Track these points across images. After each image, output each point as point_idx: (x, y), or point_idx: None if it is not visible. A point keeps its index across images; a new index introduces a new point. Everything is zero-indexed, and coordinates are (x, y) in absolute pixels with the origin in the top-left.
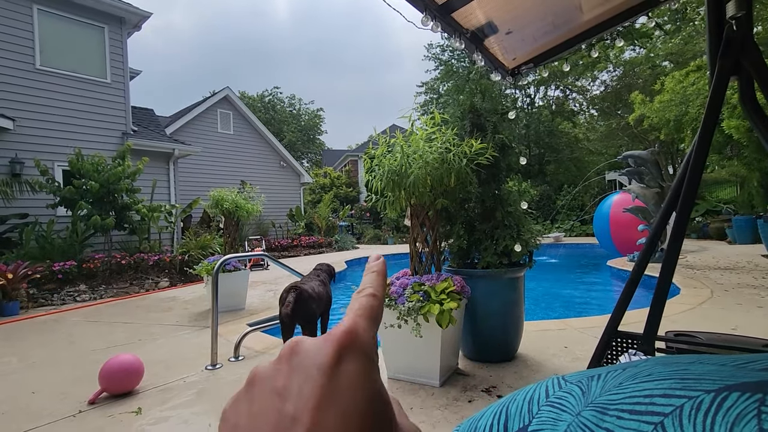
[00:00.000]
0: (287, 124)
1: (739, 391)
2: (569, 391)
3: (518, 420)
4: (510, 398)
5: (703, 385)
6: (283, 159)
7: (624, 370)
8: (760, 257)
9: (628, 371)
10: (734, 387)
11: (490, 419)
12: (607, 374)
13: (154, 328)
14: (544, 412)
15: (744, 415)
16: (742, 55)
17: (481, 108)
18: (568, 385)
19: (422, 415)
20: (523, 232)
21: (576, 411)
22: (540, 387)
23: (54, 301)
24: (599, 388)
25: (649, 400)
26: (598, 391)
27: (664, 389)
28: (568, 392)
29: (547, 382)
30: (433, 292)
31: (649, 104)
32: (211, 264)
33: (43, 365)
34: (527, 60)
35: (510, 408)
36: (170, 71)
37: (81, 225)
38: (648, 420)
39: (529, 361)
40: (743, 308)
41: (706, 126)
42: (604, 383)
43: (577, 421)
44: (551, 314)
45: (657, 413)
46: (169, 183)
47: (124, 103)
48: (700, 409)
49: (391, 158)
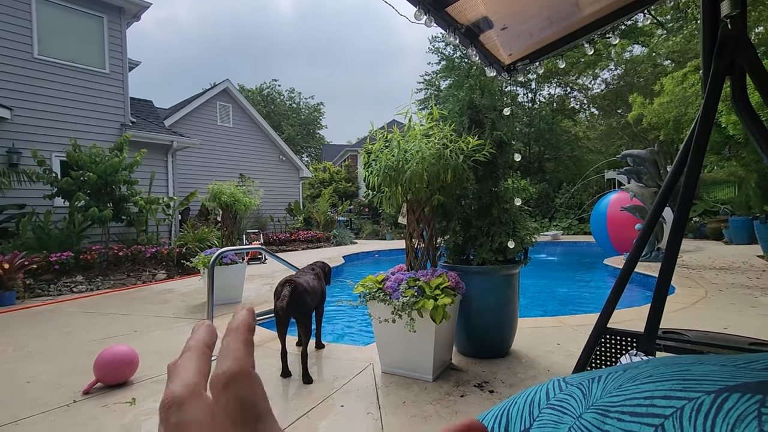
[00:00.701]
0: (287, 118)
1: (739, 392)
2: (570, 394)
3: (519, 423)
4: (510, 401)
5: (703, 386)
6: (282, 153)
7: (624, 371)
8: (755, 258)
9: (629, 373)
10: (735, 388)
11: (491, 422)
12: (608, 376)
13: (150, 319)
14: (545, 415)
15: (744, 417)
16: (737, 55)
17: (480, 104)
18: (569, 387)
19: (414, 409)
20: (518, 229)
21: (577, 413)
22: (540, 389)
23: (51, 291)
24: (600, 390)
25: (649, 402)
26: (598, 393)
27: (664, 391)
28: (568, 394)
29: (548, 385)
30: (427, 287)
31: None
32: (208, 257)
33: (38, 355)
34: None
35: (510, 411)
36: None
37: (78, 216)
38: (649, 422)
39: (522, 357)
40: (736, 308)
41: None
42: (605, 385)
43: (579, 423)
44: (546, 312)
45: (657, 415)
46: (167, 175)
47: (123, 94)
48: (700, 411)
49: (388, 153)
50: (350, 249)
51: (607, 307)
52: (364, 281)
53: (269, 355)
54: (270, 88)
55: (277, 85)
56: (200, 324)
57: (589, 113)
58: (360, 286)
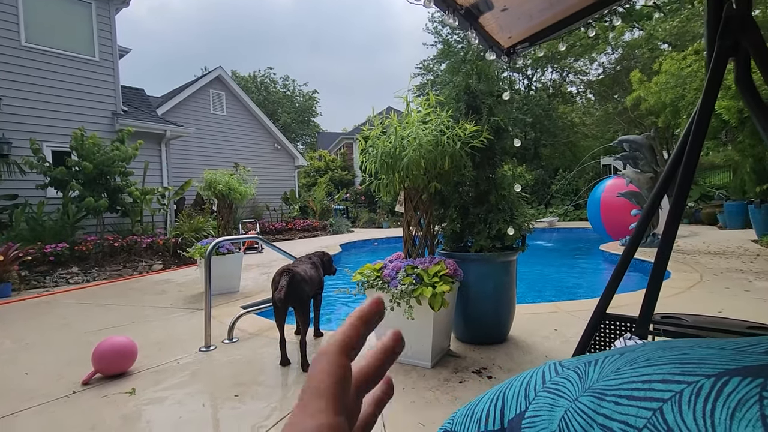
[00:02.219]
0: (281, 106)
1: (740, 376)
2: (566, 377)
3: (515, 406)
4: (507, 384)
5: (703, 369)
6: (277, 141)
7: (621, 355)
8: (749, 242)
9: (626, 356)
10: (735, 371)
11: (487, 405)
12: (605, 359)
13: (147, 310)
14: (541, 398)
15: (745, 401)
16: (741, 35)
17: (477, 90)
18: (565, 371)
19: (413, 395)
20: (516, 216)
21: (573, 397)
22: (537, 372)
23: (46, 283)
24: (597, 373)
25: (647, 385)
26: (595, 376)
27: (662, 374)
28: (565, 378)
29: (544, 368)
30: (425, 275)
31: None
32: (205, 247)
33: (36, 347)
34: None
35: (507, 394)
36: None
37: (72, 207)
38: (646, 406)
39: (520, 343)
40: (731, 292)
41: (704, 108)
42: (602, 369)
43: (575, 406)
44: (543, 298)
45: (656, 399)
46: (161, 165)
47: (114, 82)
48: (700, 395)
49: (385, 140)
50: (347, 237)
51: (606, 292)
52: (361, 269)
53: (268, 344)
54: (265, 76)
55: (272, 73)
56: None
57: (586, 99)
58: (358, 275)
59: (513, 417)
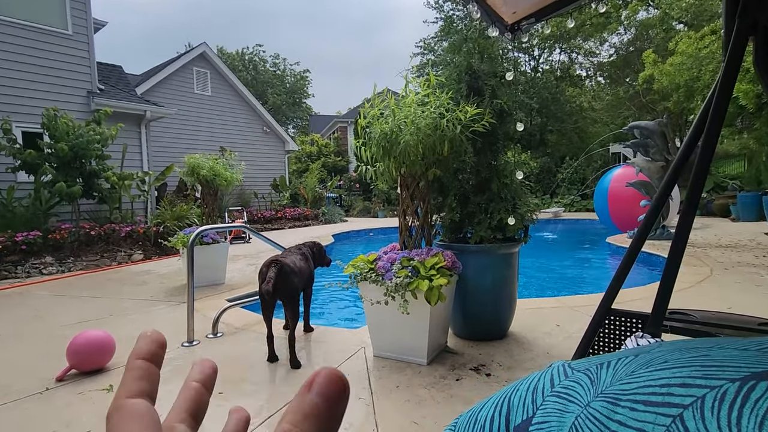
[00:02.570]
0: (271, 86)
1: (767, 381)
2: (576, 380)
3: (521, 411)
4: (512, 387)
5: (726, 373)
6: (266, 124)
7: (636, 356)
8: (762, 235)
9: (641, 358)
10: (762, 375)
11: (491, 410)
12: (618, 361)
13: (126, 303)
14: (550, 403)
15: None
16: (760, 14)
17: (479, 70)
18: (575, 374)
19: (407, 393)
20: (519, 205)
21: (585, 402)
22: (544, 375)
23: (18, 273)
24: (609, 376)
25: (666, 390)
26: (608, 380)
27: (682, 378)
28: (575, 381)
29: (552, 370)
30: (422, 267)
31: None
32: (188, 236)
33: (6, 340)
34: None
35: (512, 398)
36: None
37: (45, 192)
38: (665, 412)
39: (520, 339)
40: (742, 287)
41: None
42: (615, 371)
43: (586, 412)
44: (546, 292)
45: (675, 404)
46: (141, 148)
47: (89, 57)
48: (724, 401)
49: (382, 122)
50: (340, 227)
51: (612, 287)
52: (354, 261)
53: (255, 339)
54: (253, 54)
55: (261, 51)
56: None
57: (596, 82)
58: (350, 267)
59: (519, 423)
